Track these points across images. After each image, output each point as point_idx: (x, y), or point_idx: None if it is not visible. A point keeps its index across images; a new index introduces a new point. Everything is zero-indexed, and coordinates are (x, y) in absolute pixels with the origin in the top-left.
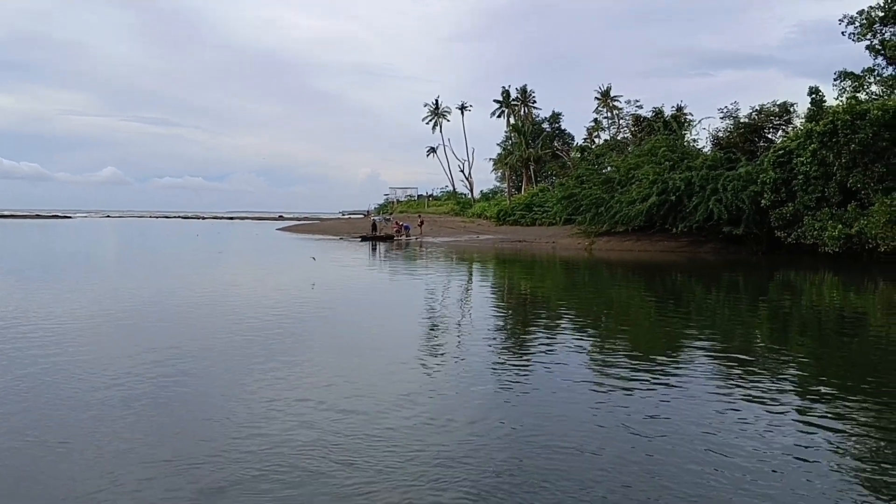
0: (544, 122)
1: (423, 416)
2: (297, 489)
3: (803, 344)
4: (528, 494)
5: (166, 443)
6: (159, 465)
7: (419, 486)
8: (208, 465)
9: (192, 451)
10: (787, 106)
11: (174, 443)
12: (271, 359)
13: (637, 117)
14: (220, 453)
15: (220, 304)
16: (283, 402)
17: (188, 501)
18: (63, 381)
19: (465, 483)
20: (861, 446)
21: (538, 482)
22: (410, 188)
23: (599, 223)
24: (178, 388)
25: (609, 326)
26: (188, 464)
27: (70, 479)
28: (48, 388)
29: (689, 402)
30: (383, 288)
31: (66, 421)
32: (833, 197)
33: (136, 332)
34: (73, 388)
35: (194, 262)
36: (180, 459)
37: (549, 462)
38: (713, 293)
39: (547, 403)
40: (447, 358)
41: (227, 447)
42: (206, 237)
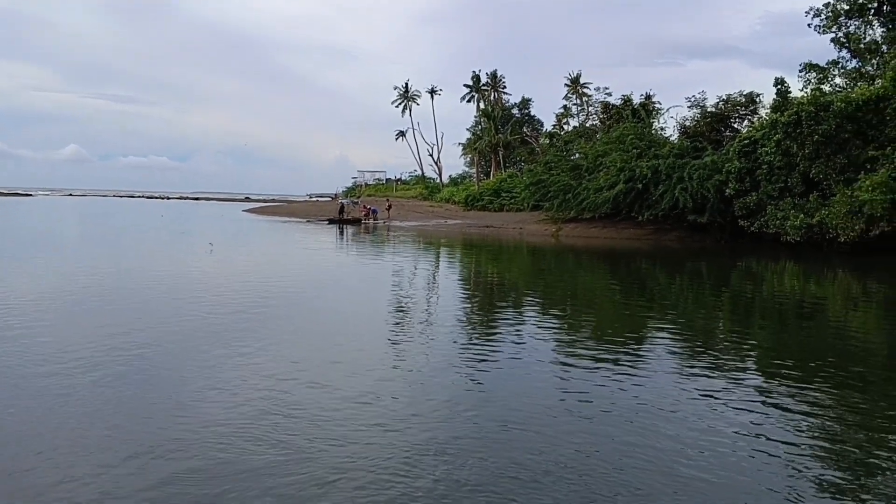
0: (514, 108)
1: (384, 399)
2: (258, 468)
3: (763, 330)
4: (484, 472)
5: (124, 423)
6: (120, 446)
7: (370, 461)
8: (171, 447)
9: (154, 433)
10: (754, 96)
11: (133, 424)
12: (232, 342)
13: (606, 105)
14: (183, 435)
15: (182, 288)
16: (242, 384)
17: (152, 483)
18: (19, 362)
19: (419, 464)
20: (817, 428)
21: (497, 462)
22: (379, 172)
23: (567, 210)
24: (137, 371)
25: (574, 312)
26: (150, 445)
27: (28, 464)
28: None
29: (650, 386)
30: (350, 271)
31: (23, 403)
32: (796, 187)
33: (99, 314)
34: (31, 371)
35: (158, 243)
36: (142, 441)
37: (508, 444)
38: (677, 280)
39: (510, 387)
40: (411, 341)
41: (188, 429)
42: (171, 218)
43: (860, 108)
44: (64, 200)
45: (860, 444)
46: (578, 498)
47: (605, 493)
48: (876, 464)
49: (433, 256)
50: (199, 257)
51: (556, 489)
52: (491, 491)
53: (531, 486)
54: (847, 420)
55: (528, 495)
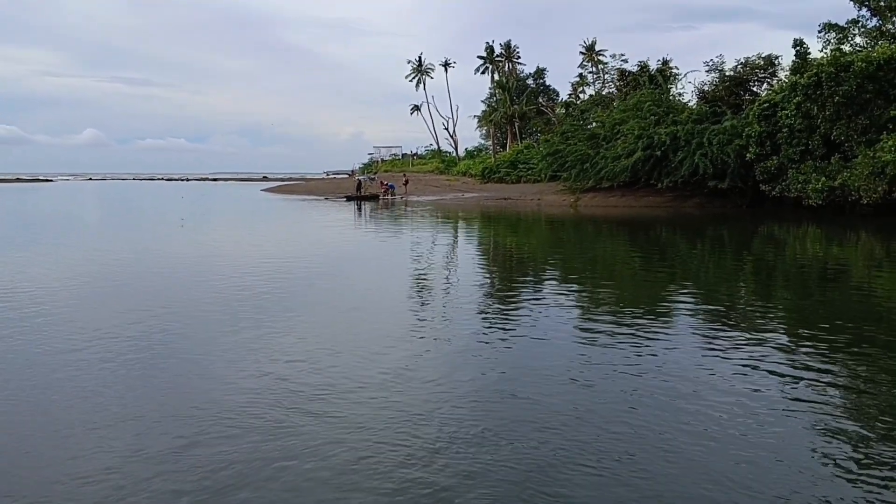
0: (529, 78)
1: (406, 370)
2: (271, 442)
3: (787, 295)
4: (503, 446)
5: (146, 400)
6: (139, 421)
7: (392, 438)
8: (189, 421)
9: (171, 407)
10: (772, 59)
11: (154, 400)
12: (257, 321)
13: (622, 72)
14: (201, 409)
15: (207, 266)
16: (265, 360)
17: (165, 455)
18: (43, 343)
19: (444, 432)
20: (844, 394)
21: (516, 436)
22: (395, 147)
23: (584, 179)
24: (159, 349)
25: (594, 282)
26: (164, 420)
27: (48, 438)
28: (26, 350)
29: (673, 355)
30: (371, 247)
31: (43, 381)
32: (817, 150)
33: (132, 293)
34: (52, 349)
35: (181, 224)
36: (158, 415)
37: (529, 416)
38: (698, 247)
39: (531, 360)
40: (432, 317)
41: (206, 403)
42: (192, 199)
43: (881, 67)
44: (84, 185)
45: (890, 409)
46: (609, 471)
47: (633, 468)
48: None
49: (451, 230)
50: (222, 239)
51: (580, 464)
52: (513, 468)
53: (556, 461)
54: (875, 385)
55: (553, 469)
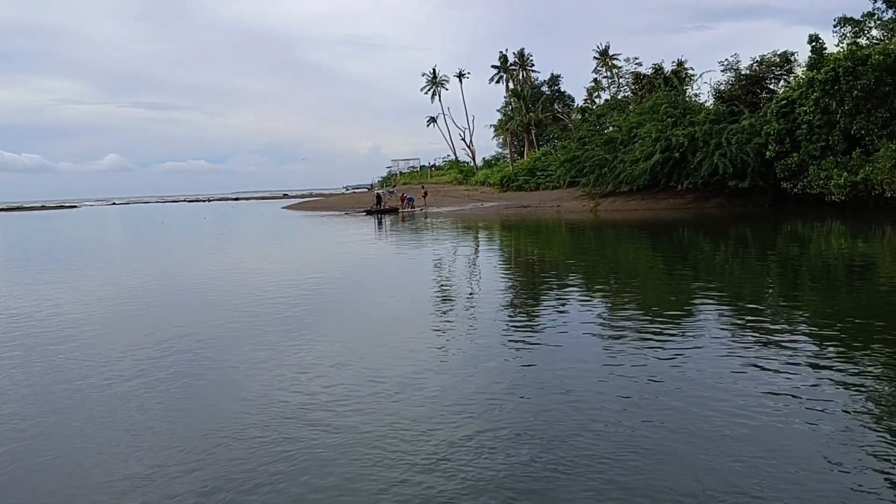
0: (543, 86)
1: (433, 382)
2: (292, 458)
3: (813, 293)
4: (536, 455)
5: (170, 413)
6: (159, 434)
7: (430, 451)
8: (225, 445)
9: (207, 430)
10: (788, 55)
11: (190, 424)
12: (289, 333)
13: (637, 75)
14: (238, 435)
15: (240, 285)
16: (298, 376)
17: (184, 466)
18: (76, 368)
19: (472, 441)
20: (872, 394)
21: (547, 447)
22: (412, 159)
23: (603, 184)
24: (191, 367)
25: (618, 286)
26: (188, 433)
27: (87, 461)
28: (62, 377)
29: (702, 358)
30: (394, 261)
31: (81, 407)
32: (838, 145)
33: (158, 313)
34: (87, 374)
35: (204, 244)
36: (195, 439)
37: (563, 426)
38: (721, 248)
39: (558, 366)
40: (457, 326)
41: (241, 429)
42: (214, 219)
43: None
44: (108, 209)
45: None
46: (632, 471)
47: (658, 469)
48: None
49: (473, 240)
50: (250, 256)
51: (605, 467)
52: (542, 470)
53: (581, 465)
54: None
55: (577, 472)
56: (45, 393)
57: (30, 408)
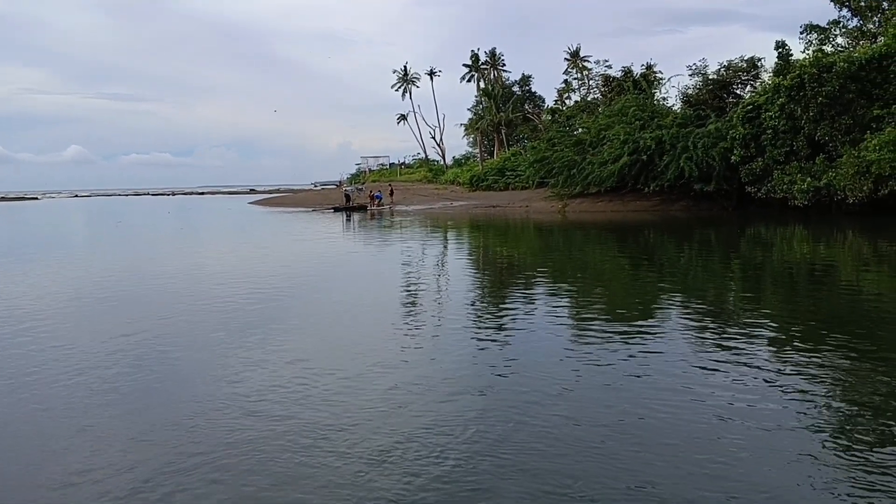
0: (514, 86)
1: (398, 381)
2: (265, 462)
3: (775, 296)
4: (498, 457)
5: (141, 416)
6: (133, 441)
7: (390, 451)
8: (183, 444)
9: (165, 430)
10: (755, 61)
11: (149, 417)
12: (251, 329)
13: (606, 77)
14: (197, 429)
15: (198, 281)
16: (261, 370)
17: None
18: (22, 362)
19: (435, 442)
20: (831, 395)
21: (510, 454)
22: (382, 157)
23: (572, 185)
24: (153, 365)
25: (584, 287)
26: (161, 439)
27: (46, 457)
28: (21, 368)
29: (664, 358)
30: (362, 258)
31: (43, 400)
32: (801, 150)
33: (123, 310)
34: (34, 370)
35: (167, 240)
36: (154, 433)
37: (527, 433)
38: (685, 250)
39: (523, 366)
40: (423, 325)
41: (203, 421)
42: (178, 214)
43: (863, 67)
44: (70, 202)
45: (874, 410)
46: (594, 474)
47: (618, 469)
48: (890, 433)
49: (441, 239)
50: (214, 252)
51: (570, 469)
52: (501, 473)
53: (544, 465)
54: (860, 386)
55: (539, 473)
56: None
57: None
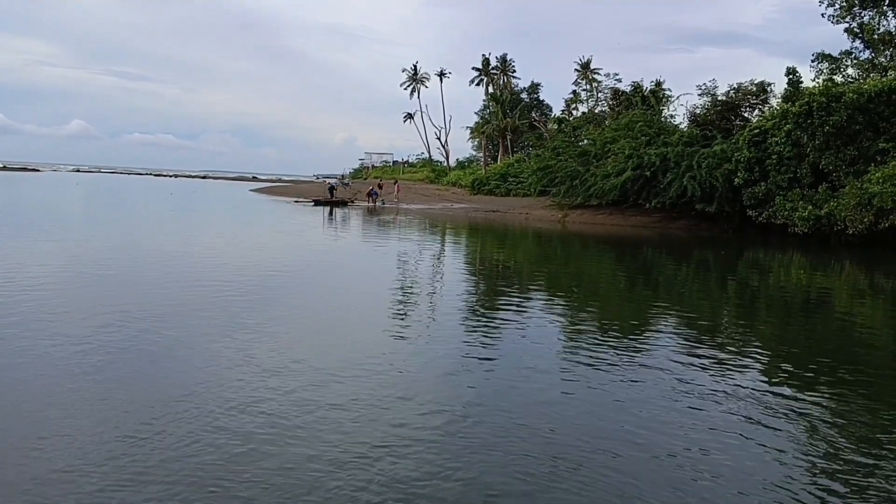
0: (523, 93)
1: (385, 386)
2: (251, 456)
3: (769, 322)
4: (483, 466)
5: (128, 399)
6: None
7: (374, 455)
8: (176, 432)
9: (155, 417)
10: (765, 85)
11: (138, 403)
12: (232, 323)
13: (616, 91)
14: (188, 419)
15: (188, 266)
16: (242, 367)
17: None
18: (28, 338)
19: (419, 452)
20: (819, 426)
21: (495, 458)
22: (386, 154)
23: (574, 196)
24: (144, 348)
25: (579, 300)
26: (149, 428)
27: (30, 441)
28: (11, 346)
29: (653, 378)
30: (353, 256)
31: (28, 382)
32: (805, 178)
33: (106, 292)
34: (38, 346)
35: (171, 222)
36: (142, 421)
37: (509, 436)
38: (683, 269)
39: (512, 374)
40: (413, 330)
41: (192, 410)
42: (181, 197)
43: (872, 99)
44: (72, 176)
45: (863, 443)
46: (575, 491)
47: (602, 488)
48: (876, 465)
49: (438, 240)
50: (208, 236)
51: (554, 484)
52: (491, 484)
53: (529, 479)
54: (851, 418)
55: (526, 488)
56: None
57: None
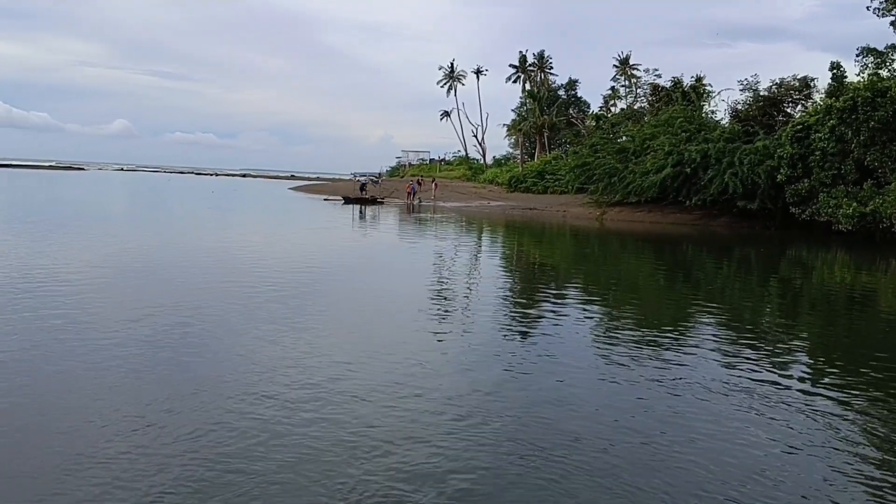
0: (560, 89)
1: (423, 386)
2: (294, 459)
3: (812, 322)
4: (520, 468)
5: (167, 396)
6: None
7: (413, 454)
8: (215, 429)
9: (194, 411)
10: (808, 80)
11: (179, 398)
12: (274, 322)
13: (655, 86)
14: (225, 414)
15: (234, 263)
16: (284, 366)
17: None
18: (74, 334)
19: (459, 450)
20: (861, 429)
21: (532, 456)
22: (423, 152)
23: (612, 193)
24: (187, 345)
25: (617, 298)
26: (170, 417)
27: (69, 435)
28: (58, 341)
29: (692, 379)
30: (394, 253)
31: (73, 375)
32: (849, 174)
33: (143, 288)
34: (84, 341)
35: (213, 219)
36: (183, 419)
37: (547, 435)
38: (724, 267)
39: (549, 376)
40: (452, 325)
41: (232, 409)
42: (222, 195)
43: None
44: (116, 175)
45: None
46: (613, 489)
47: (639, 487)
48: None
49: (475, 238)
50: (245, 233)
51: (588, 484)
52: (526, 483)
53: (565, 479)
54: (893, 420)
55: (561, 487)
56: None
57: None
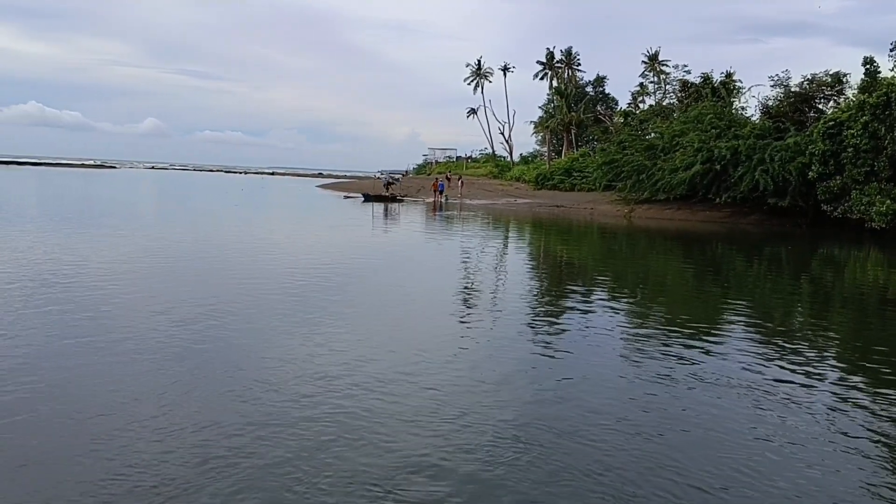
0: (588, 86)
1: (453, 379)
2: (325, 447)
3: (844, 321)
4: (546, 464)
5: (197, 393)
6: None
7: (441, 446)
8: (241, 425)
9: (226, 407)
10: (840, 76)
11: (208, 395)
12: (305, 317)
13: (684, 82)
14: (254, 409)
15: (264, 259)
16: (315, 358)
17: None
18: (100, 329)
19: (485, 444)
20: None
21: (558, 453)
22: (449, 149)
23: (640, 190)
24: (216, 340)
25: (645, 296)
26: (218, 418)
27: (97, 430)
28: (85, 334)
29: (723, 378)
30: (424, 249)
31: (100, 369)
32: (883, 171)
33: (173, 283)
34: (111, 337)
35: (244, 216)
36: (212, 412)
37: (573, 434)
38: (754, 265)
39: (578, 374)
40: (480, 323)
41: (261, 403)
42: (251, 192)
43: None
44: (147, 173)
45: None
46: (642, 488)
47: (669, 488)
48: None
49: (502, 236)
50: (269, 230)
51: (615, 483)
52: (551, 482)
53: (591, 478)
54: None
55: (587, 486)
56: (50, 348)
57: (39, 361)
